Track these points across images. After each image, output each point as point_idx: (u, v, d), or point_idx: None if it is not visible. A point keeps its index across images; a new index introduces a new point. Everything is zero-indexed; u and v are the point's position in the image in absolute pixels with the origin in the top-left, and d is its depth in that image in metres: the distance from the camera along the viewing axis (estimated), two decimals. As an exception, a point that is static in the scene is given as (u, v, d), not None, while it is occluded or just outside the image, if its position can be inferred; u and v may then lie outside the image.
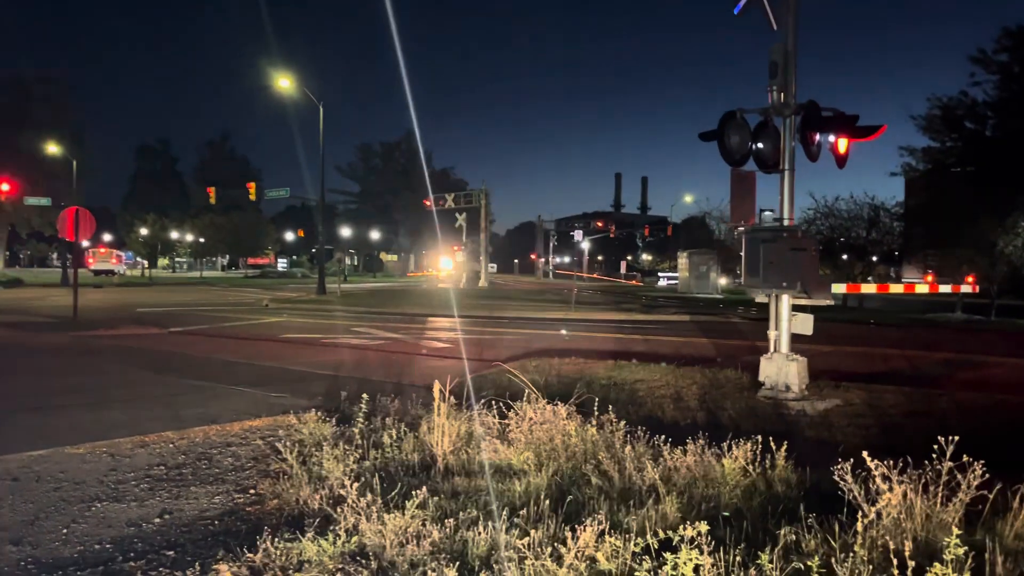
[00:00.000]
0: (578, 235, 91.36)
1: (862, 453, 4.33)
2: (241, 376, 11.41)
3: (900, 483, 4.12)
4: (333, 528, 4.26)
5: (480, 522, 4.31)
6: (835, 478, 4.38)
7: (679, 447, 5.53)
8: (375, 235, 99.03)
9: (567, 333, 19.26)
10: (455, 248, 60.73)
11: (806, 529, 4.10)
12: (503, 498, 5.00)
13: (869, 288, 32.21)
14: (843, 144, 9.12)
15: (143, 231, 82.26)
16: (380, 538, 4.13)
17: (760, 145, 9.15)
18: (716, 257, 52.96)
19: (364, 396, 6.56)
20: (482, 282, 57.21)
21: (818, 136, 9.02)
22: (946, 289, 29.88)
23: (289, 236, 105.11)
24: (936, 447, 4.31)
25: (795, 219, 9.49)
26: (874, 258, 41.79)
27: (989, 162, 37.65)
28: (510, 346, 15.84)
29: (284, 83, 36.85)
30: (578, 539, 3.69)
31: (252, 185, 47.94)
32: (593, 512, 4.52)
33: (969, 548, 3.46)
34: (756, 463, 5.30)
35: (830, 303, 10.93)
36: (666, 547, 3.55)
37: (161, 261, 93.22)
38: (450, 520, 4.33)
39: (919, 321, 27.14)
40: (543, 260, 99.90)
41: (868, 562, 3.51)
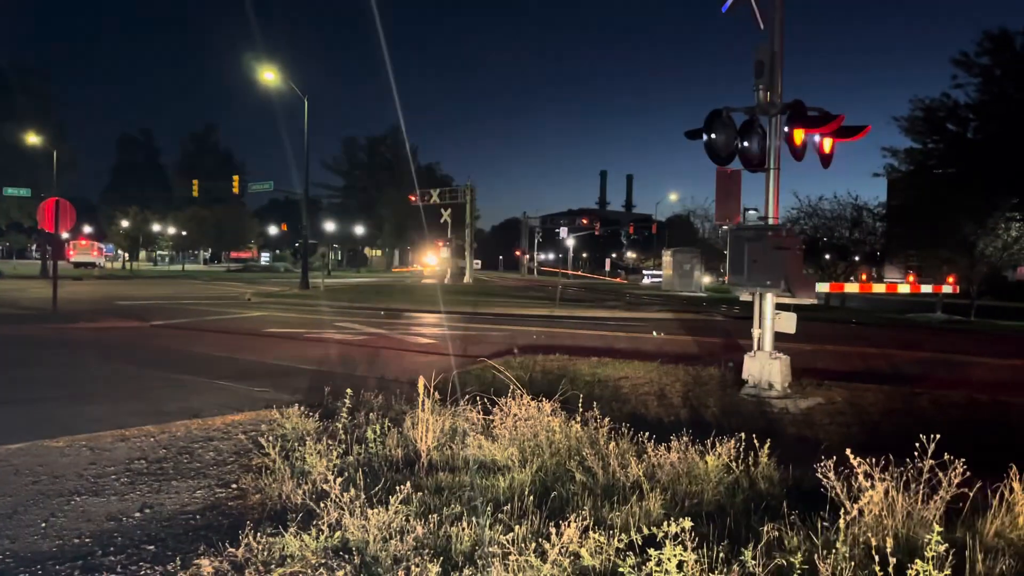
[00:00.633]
0: (563, 232, 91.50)
1: (844, 451, 4.36)
2: (223, 370, 11.34)
3: (882, 481, 4.14)
4: (316, 523, 4.23)
5: (464, 518, 4.30)
6: (818, 475, 4.41)
7: (663, 444, 5.54)
8: (359, 230, 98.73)
9: (537, 334, 19.27)
10: (440, 244, 60.69)
11: (789, 526, 4.12)
12: (487, 494, 4.99)
13: (852, 288, 32.49)
14: (828, 144, 9.18)
15: (124, 223, 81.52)
16: (363, 533, 4.11)
17: (746, 144, 9.18)
18: (700, 255, 53.27)
19: (348, 391, 6.53)
20: (467, 278, 57.16)
21: (804, 136, 9.06)
22: (927, 289, 30.16)
23: (272, 230, 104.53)
24: (917, 445, 4.35)
25: (779, 218, 9.54)
26: (856, 258, 42.13)
27: (970, 164, 37.98)
28: (495, 342, 15.83)
29: (269, 76, 36.62)
30: (562, 535, 3.69)
31: (236, 178, 47.67)
32: (577, 508, 4.52)
33: (950, 545, 3.49)
34: (739, 460, 5.32)
35: (814, 302, 11.00)
36: (650, 543, 3.55)
37: (142, 254, 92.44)
38: (434, 516, 4.31)
39: (900, 321, 27.39)
40: (528, 257, 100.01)
41: (850, 559, 3.53)
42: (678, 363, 11.57)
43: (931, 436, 4.30)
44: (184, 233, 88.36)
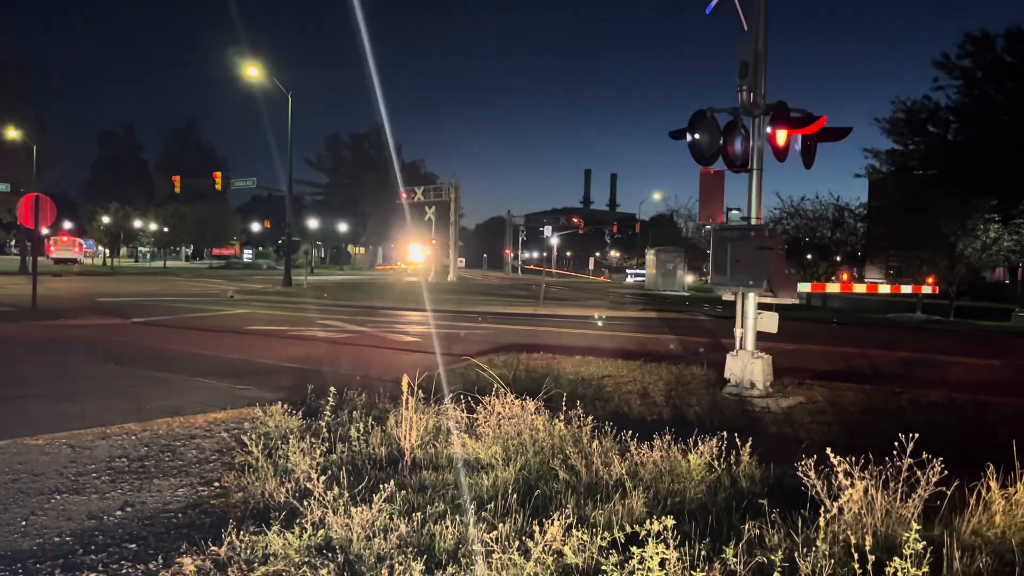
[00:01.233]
0: (547, 231, 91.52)
1: (825, 449, 4.40)
2: (206, 368, 11.27)
3: (861, 479, 4.19)
4: (299, 521, 4.22)
5: (447, 516, 4.31)
6: (798, 474, 4.45)
7: (646, 442, 5.57)
8: (343, 227, 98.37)
9: (520, 333, 19.29)
10: (424, 242, 60.56)
11: (770, 524, 4.16)
12: (471, 492, 5.00)
13: (833, 287, 32.76)
14: (810, 145, 9.24)
15: (105, 219, 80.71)
16: (347, 531, 4.10)
17: (729, 144, 9.24)
18: (683, 255, 53.51)
19: (331, 389, 6.51)
20: (451, 276, 57.10)
21: (787, 136, 9.12)
22: (907, 290, 30.46)
23: (255, 227, 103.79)
24: (896, 444, 4.40)
25: (762, 218, 9.61)
26: (838, 258, 42.46)
27: (950, 166, 38.34)
28: (478, 340, 15.83)
29: (252, 72, 36.40)
30: (545, 533, 3.70)
31: (218, 174, 47.33)
32: (560, 506, 4.54)
33: (928, 543, 3.54)
34: (721, 459, 5.36)
35: (796, 302, 11.08)
36: (632, 541, 3.57)
37: (123, 250, 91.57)
38: (417, 514, 4.32)
39: (880, 321, 27.64)
40: (512, 255, 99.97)
41: (830, 556, 3.57)
42: (661, 362, 11.62)
43: (910, 435, 4.36)
44: (166, 229, 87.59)
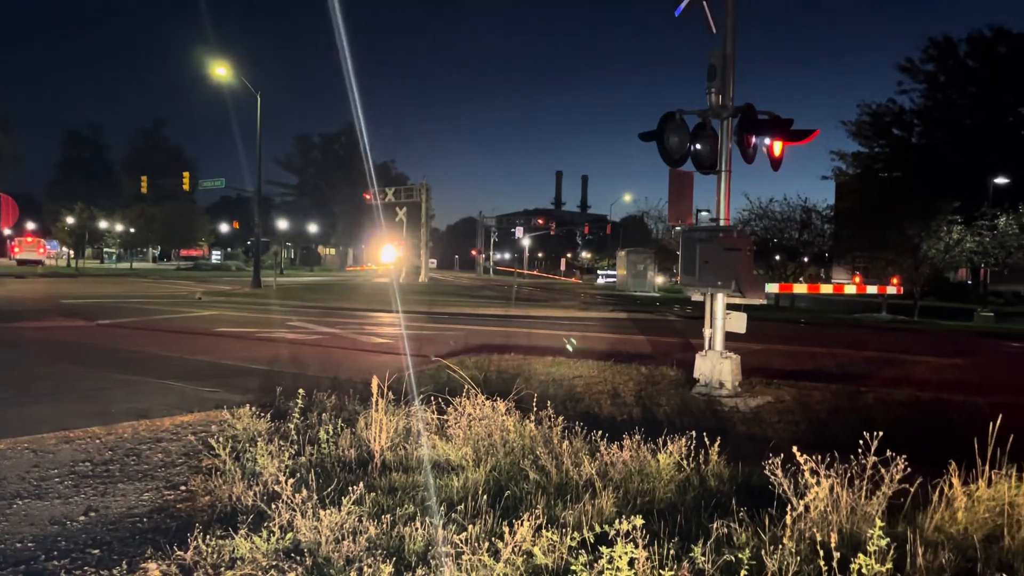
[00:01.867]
0: (519, 232, 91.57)
1: (792, 448, 4.46)
2: (173, 370, 11.12)
3: (827, 477, 4.24)
4: (267, 525, 4.18)
5: (417, 518, 4.30)
6: (766, 473, 4.50)
7: (615, 443, 5.60)
8: (313, 228, 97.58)
9: (492, 333, 19.30)
10: (395, 243, 60.30)
11: (738, 522, 4.20)
12: (441, 494, 4.99)
13: (801, 288, 33.16)
14: (778, 147, 9.35)
15: (70, 220, 79.31)
16: (315, 535, 4.07)
17: (698, 146, 9.33)
18: (653, 256, 53.83)
19: (300, 391, 6.46)
20: (422, 277, 56.97)
21: (754, 139, 9.22)
22: (873, 290, 30.93)
23: (224, 228, 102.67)
24: (861, 442, 4.46)
25: (731, 220, 9.70)
26: (805, 259, 42.99)
27: (914, 168, 39.02)
28: (449, 342, 15.80)
29: (220, 71, 36.01)
30: (515, 534, 3.70)
31: (186, 175, 46.77)
32: (531, 507, 4.55)
33: (891, 540, 3.59)
34: (690, 458, 5.40)
35: (764, 302, 11.20)
36: (602, 541, 3.59)
37: (88, 251, 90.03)
38: (387, 516, 4.30)
39: (846, 321, 28.02)
40: (483, 256, 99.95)
41: (796, 554, 3.61)
42: (631, 362, 11.68)
43: (874, 433, 4.42)
44: (132, 230, 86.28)
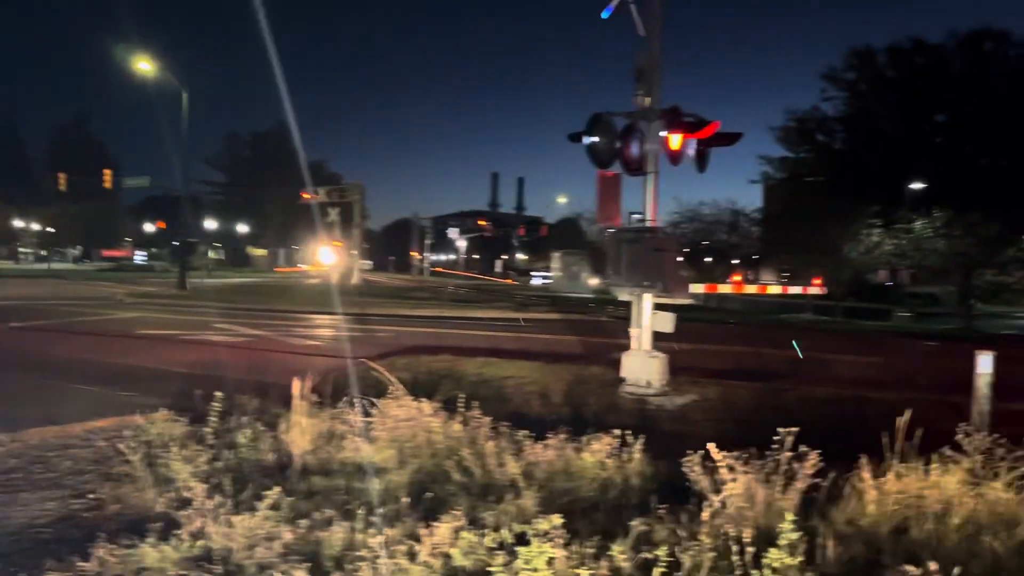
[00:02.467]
0: (454, 233, 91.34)
1: (716, 445, 4.51)
2: (88, 374, 10.71)
3: (744, 473, 4.31)
4: (177, 532, 4.03)
5: (336, 522, 4.20)
6: (684, 470, 4.54)
7: (541, 442, 5.59)
8: (243, 228, 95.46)
9: (424, 335, 19.20)
10: (327, 244, 59.43)
11: (658, 520, 4.23)
12: (362, 496, 4.90)
13: (726, 288, 33.93)
14: (703, 149, 9.50)
15: (-18, 218, 75.89)
16: (228, 541, 3.94)
17: (626, 147, 9.40)
18: (588, 257, 54.32)
19: (217, 394, 6.26)
20: (355, 279, 56.17)
21: (680, 140, 9.35)
22: (796, 291, 31.83)
23: (149, 228, 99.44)
24: (776, 438, 4.54)
25: (662, 222, 9.82)
26: (735, 261, 44.03)
27: (837, 173, 40.26)
28: (380, 343, 15.62)
29: (144, 65, 34.87)
30: (433, 535, 3.65)
31: (108, 172, 45.17)
32: (453, 508, 4.49)
33: (805, 533, 3.66)
34: (614, 457, 5.42)
35: (690, 302, 11.37)
36: (522, 541, 3.56)
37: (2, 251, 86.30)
38: (304, 520, 4.19)
39: (773, 321, 28.76)
40: (419, 258, 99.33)
41: (713, 549, 3.64)
42: (563, 362, 11.73)
43: (789, 429, 4.49)
44: (51, 230, 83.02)
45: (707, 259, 41.28)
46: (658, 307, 9.70)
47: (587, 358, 12.91)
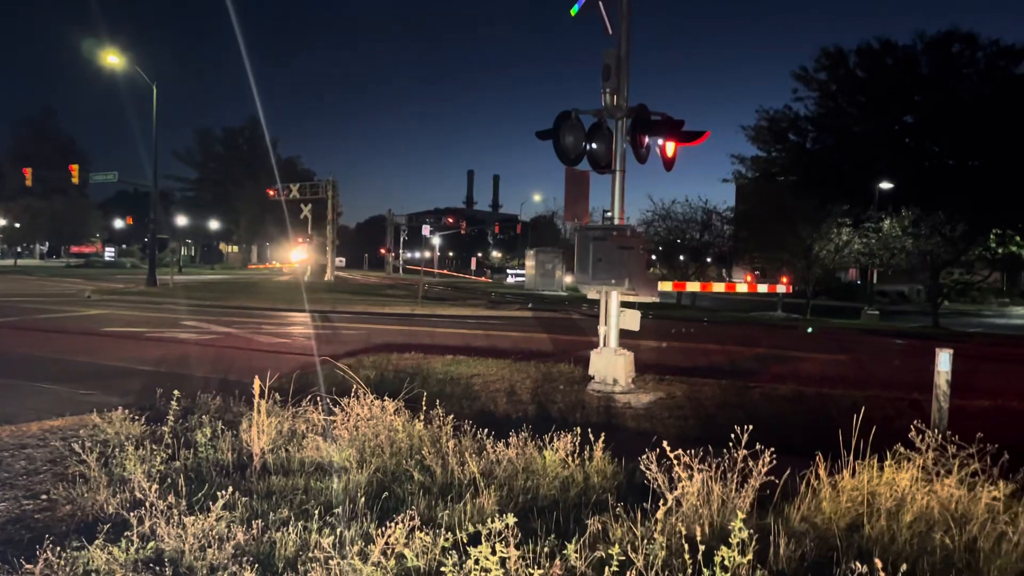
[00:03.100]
0: (427, 231, 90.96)
1: (680, 443, 4.52)
2: (49, 372, 10.53)
3: (700, 471, 4.32)
4: (127, 534, 3.96)
5: (292, 522, 4.16)
6: (643, 468, 4.55)
7: (502, 440, 5.58)
8: (214, 224, 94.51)
9: (395, 333, 19.12)
10: (300, 240, 58.97)
11: (614, 518, 4.23)
12: (320, 497, 4.85)
13: (694, 286, 34.14)
14: (670, 147, 9.54)
15: (-54, 214, 74.46)
16: (179, 542, 3.88)
17: (594, 145, 9.42)
18: (562, 255, 54.35)
19: (176, 392, 6.18)
20: (328, 276, 55.84)
21: (647, 139, 9.38)
22: (763, 289, 32.08)
23: (119, 224, 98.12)
24: (733, 436, 4.56)
25: (635, 221, 9.88)
26: (708, 259, 44.26)
27: (808, 172, 40.67)
28: (350, 341, 15.52)
29: (113, 59, 34.38)
30: (387, 536, 3.62)
31: (75, 167, 44.45)
32: (411, 508, 4.46)
33: (759, 531, 3.67)
34: (576, 455, 5.42)
35: (656, 299, 11.41)
36: (476, 541, 3.54)
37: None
38: (259, 521, 4.14)
39: (743, 319, 28.97)
40: (393, 255, 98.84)
41: (666, 547, 3.65)
42: (532, 360, 11.73)
43: (745, 427, 4.51)
44: (17, 225, 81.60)
45: (681, 257, 41.43)
46: (627, 305, 9.72)
47: (556, 356, 12.92)
